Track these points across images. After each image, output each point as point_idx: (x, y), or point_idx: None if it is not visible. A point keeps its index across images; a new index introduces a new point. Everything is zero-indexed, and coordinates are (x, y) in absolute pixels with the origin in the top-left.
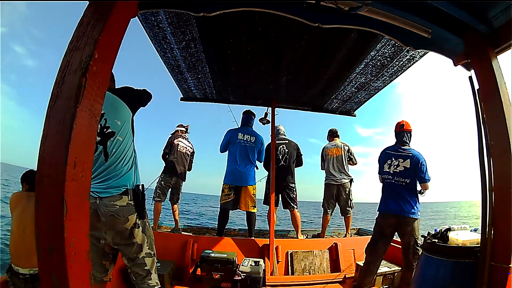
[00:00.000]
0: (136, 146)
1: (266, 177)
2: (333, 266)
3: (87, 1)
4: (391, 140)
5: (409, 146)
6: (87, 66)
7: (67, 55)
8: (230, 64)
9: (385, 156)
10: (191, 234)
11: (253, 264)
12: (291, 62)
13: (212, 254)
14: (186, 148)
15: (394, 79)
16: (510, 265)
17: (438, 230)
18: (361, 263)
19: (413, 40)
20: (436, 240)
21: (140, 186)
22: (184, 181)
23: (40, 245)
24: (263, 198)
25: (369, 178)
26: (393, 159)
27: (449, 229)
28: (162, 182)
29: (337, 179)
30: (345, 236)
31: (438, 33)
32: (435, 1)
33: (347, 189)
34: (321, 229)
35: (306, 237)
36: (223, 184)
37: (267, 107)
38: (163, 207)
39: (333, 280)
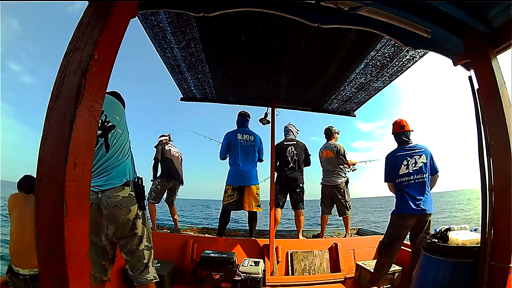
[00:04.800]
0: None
1: (276, 179)
2: (333, 266)
3: (87, 1)
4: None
5: (413, 142)
6: (87, 67)
7: (67, 56)
8: (230, 64)
9: (399, 159)
10: (191, 234)
11: (253, 264)
12: (291, 62)
13: (212, 254)
14: (178, 152)
15: (394, 79)
16: (510, 265)
17: (438, 230)
18: (361, 263)
19: (413, 40)
20: (436, 240)
21: (139, 179)
22: (182, 184)
23: (40, 245)
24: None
25: (372, 172)
26: (409, 158)
27: (449, 229)
28: (159, 186)
29: (330, 181)
30: (345, 236)
31: (438, 33)
32: (435, 1)
33: (342, 190)
34: (320, 229)
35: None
36: (225, 185)
37: (267, 107)
38: (163, 207)
39: (333, 280)
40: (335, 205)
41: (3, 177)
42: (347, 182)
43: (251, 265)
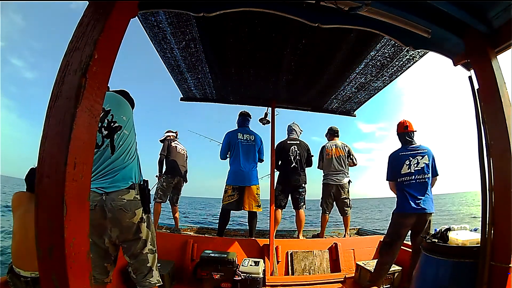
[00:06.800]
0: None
1: (278, 179)
2: (333, 266)
3: (87, 1)
4: (395, 135)
5: (416, 143)
6: (87, 67)
7: (67, 55)
8: (230, 64)
9: (401, 158)
10: (191, 234)
11: (253, 264)
12: (291, 62)
13: (212, 254)
14: (183, 150)
15: (394, 79)
16: (510, 265)
17: (438, 230)
18: (361, 263)
19: (413, 40)
20: (436, 240)
21: (144, 182)
22: (186, 181)
23: (40, 245)
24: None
25: (372, 173)
26: (411, 158)
27: (449, 229)
28: (164, 184)
29: (336, 180)
30: (345, 236)
31: (438, 33)
32: (435, 1)
33: (346, 189)
34: (320, 229)
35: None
36: (226, 185)
37: (267, 107)
38: (162, 208)
39: (333, 280)
40: (335, 204)
41: (4, 172)
42: (349, 182)
43: (251, 265)
